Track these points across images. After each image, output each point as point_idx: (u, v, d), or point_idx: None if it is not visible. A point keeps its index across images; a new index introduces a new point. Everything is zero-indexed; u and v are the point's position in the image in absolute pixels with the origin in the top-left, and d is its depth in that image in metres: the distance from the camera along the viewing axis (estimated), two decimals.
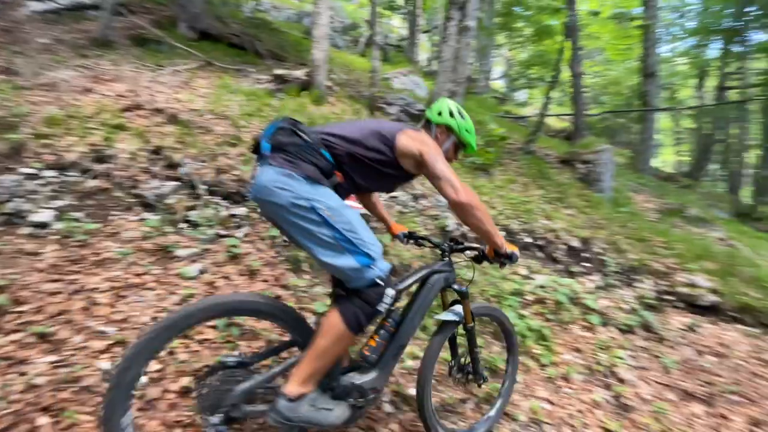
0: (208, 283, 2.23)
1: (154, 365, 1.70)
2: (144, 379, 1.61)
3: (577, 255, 3.75)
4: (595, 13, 11.50)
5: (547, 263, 3.66)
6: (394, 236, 2.01)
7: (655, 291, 3.53)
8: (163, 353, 1.67)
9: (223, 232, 2.58)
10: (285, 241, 2.65)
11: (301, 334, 1.42)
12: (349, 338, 1.31)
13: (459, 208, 1.36)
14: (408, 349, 2.04)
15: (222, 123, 3.61)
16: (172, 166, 2.87)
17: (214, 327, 2.00)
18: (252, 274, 2.39)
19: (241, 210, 2.77)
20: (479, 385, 1.97)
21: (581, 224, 4.12)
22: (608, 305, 3.29)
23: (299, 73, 5.20)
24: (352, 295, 1.32)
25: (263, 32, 6.94)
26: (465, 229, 3.51)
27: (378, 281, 1.31)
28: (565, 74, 9.91)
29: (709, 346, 3.18)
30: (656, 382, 2.75)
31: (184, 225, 2.55)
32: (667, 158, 24.85)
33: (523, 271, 3.39)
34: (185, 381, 1.70)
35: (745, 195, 12.81)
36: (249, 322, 2.07)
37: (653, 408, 2.52)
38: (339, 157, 1.38)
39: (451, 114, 1.61)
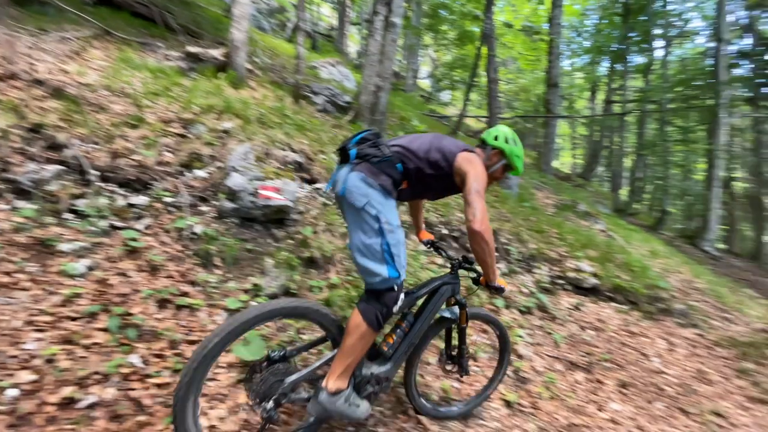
0: (98, 280, 1.98)
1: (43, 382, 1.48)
2: (14, 392, 1.45)
3: None
4: (509, 25, 12.51)
5: (461, 253, 3.94)
6: (420, 241, 2.30)
7: (549, 276, 4.01)
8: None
9: (118, 224, 2.31)
10: (194, 234, 2.46)
11: (337, 332, 1.65)
12: (371, 335, 1.54)
13: (472, 234, 1.55)
14: None
15: (121, 101, 3.20)
16: (56, 147, 2.47)
17: (105, 330, 1.79)
18: (154, 269, 2.18)
19: (141, 199, 2.50)
20: (461, 375, 2.21)
21: (491, 217, 4.50)
22: (511, 290, 3.65)
23: (216, 53, 4.82)
24: (371, 297, 1.55)
25: (176, 4, 6.27)
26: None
27: (396, 287, 1.54)
28: (483, 79, 10.67)
29: (590, 322, 3.72)
30: (548, 355, 3.15)
31: (69, 215, 2.23)
32: (565, 160, 28.14)
33: (440, 261, 3.60)
34: (67, 391, 1.50)
35: (623, 194, 15.12)
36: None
37: (545, 378, 2.89)
38: (408, 169, 1.65)
39: (506, 140, 1.84)
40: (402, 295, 1.59)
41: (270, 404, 1.47)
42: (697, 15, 15.23)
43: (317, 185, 3.44)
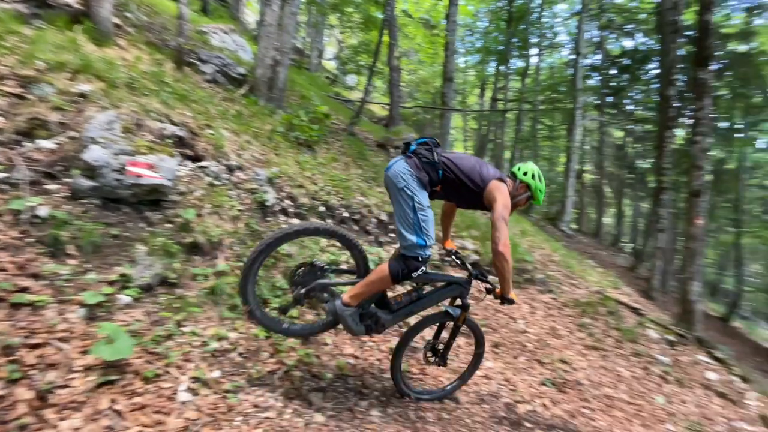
0: None
1: None
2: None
3: (385, 227, 4.26)
4: (409, 15, 12.94)
5: (361, 234, 4.03)
6: (444, 248, 2.62)
7: (438, 254, 4.38)
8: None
9: None
10: (37, 217, 2.02)
11: (361, 261, 2.22)
12: (388, 283, 2.01)
13: (496, 254, 1.91)
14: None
15: None
16: None
17: None
18: None
19: None
20: (439, 366, 2.57)
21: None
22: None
23: None
24: (400, 258, 1.98)
25: None
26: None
27: (420, 258, 1.97)
28: (388, 67, 10.90)
29: (471, 293, 4.18)
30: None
31: None
32: (458, 150, 30.73)
33: (339, 243, 3.64)
34: None
35: None
36: None
37: None
38: (447, 177, 2.02)
39: (533, 177, 2.20)
40: (423, 267, 2.00)
41: (302, 291, 2.09)
42: (563, 30, 17.88)
43: (203, 163, 3.12)
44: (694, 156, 5.74)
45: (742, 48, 11.99)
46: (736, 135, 13.67)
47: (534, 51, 17.53)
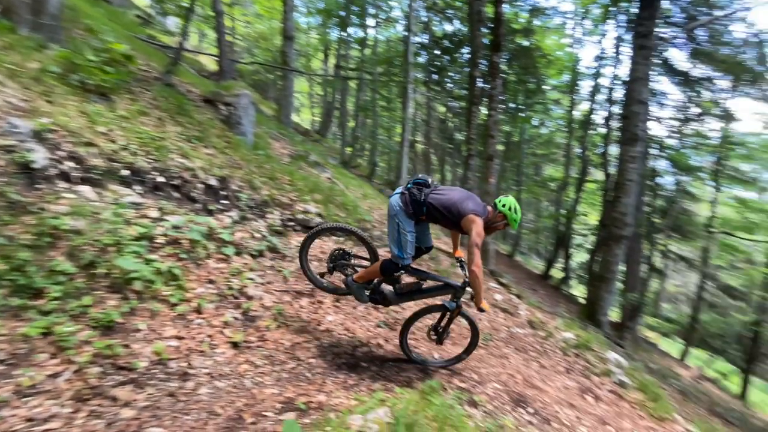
0: None
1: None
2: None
3: (215, 193, 3.82)
4: None
5: (184, 203, 3.51)
6: (454, 257, 3.14)
7: (280, 219, 4.23)
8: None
9: None
10: None
11: (373, 256, 3.18)
12: (379, 275, 2.85)
13: (471, 272, 2.54)
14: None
15: None
16: None
17: None
18: None
19: None
20: (437, 344, 3.18)
21: (220, 164, 4.20)
22: (243, 236, 3.61)
23: None
24: (391, 260, 2.78)
25: None
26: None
27: (399, 264, 2.75)
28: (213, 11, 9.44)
29: (315, 255, 4.22)
30: (277, 290, 3.37)
31: None
32: (305, 116, 30.05)
33: (154, 214, 3.07)
34: None
35: (349, 149, 17.81)
36: None
37: (274, 311, 3.09)
38: (429, 210, 2.66)
39: (509, 209, 2.66)
40: (402, 270, 2.79)
41: (331, 265, 3.15)
42: (398, 6, 18.94)
43: None
44: (489, 127, 7.08)
45: (525, 43, 15.18)
46: (519, 114, 17.53)
47: (372, 22, 18.11)
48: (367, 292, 2.97)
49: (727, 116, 12.88)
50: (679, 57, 12.57)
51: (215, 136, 4.76)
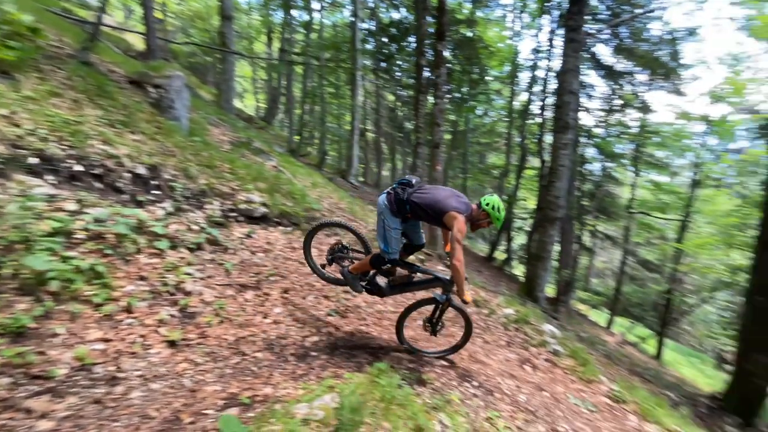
0: None
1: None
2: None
3: (145, 183, 3.52)
4: None
5: (108, 194, 3.19)
6: (445, 252, 3.26)
7: (221, 210, 4.01)
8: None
9: None
10: None
11: (367, 250, 3.35)
12: (369, 267, 3.07)
13: (453, 266, 2.64)
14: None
15: None
16: None
17: None
18: None
19: None
20: (431, 335, 3.22)
21: (150, 151, 3.86)
22: (179, 228, 3.38)
23: None
24: (379, 254, 2.96)
25: None
26: None
27: (386, 258, 2.93)
28: None
29: (260, 246, 4.09)
30: (219, 285, 3.21)
31: None
32: (249, 102, 28.61)
33: (72, 206, 2.76)
34: None
35: (297, 137, 17.26)
36: None
37: (215, 306, 2.94)
38: (412, 209, 2.80)
39: (493, 208, 2.78)
40: (388, 264, 2.96)
41: (330, 257, 3.41)
42: None
43: None
44: (435, 115, 7.22)
45: (469, 33, 15.59)
46: (464, 104, 18.07)
47: (317, 6, 17.52)
48: (363, 284, 3.16)
49: (645, 108, 14.28)
50: (605, 52, 13.59)
51: (144, 120, 4.37)
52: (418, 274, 3.10)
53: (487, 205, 2.80)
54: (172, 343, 2.41)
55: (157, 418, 1.78)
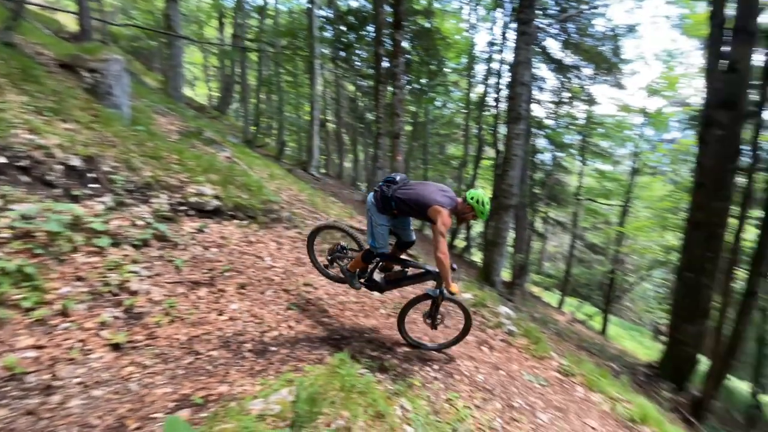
0: None
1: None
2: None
3: (80, 176, 3.23)
4: None
5: (37, 188, 2.90)
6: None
7: (169, 204, 3.78)
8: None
9: None
10: None
11: (360, 248, 3.41)
12: (362, 263, 3.26)
13: (437, 259, 2.74)
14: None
15: None
16: None
17: None
18: None
19: None
20: (431, 328, 3.30)
21: (86, 141, 3.55)
22: (121, 224, 3.15)
23: None
24: (367, 250, 3.18)
25: None
26: None
27: (374, 252, 3.15)
28: None
29: (214, 241, 3.91)
30: (169, 283, 3.04)
31: None
32: (201, 91, 27.10)
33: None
34: None
35: (253, 127, 16.61)
36: None
37: (165, 306, 2.78)
38: (398, 205, 2.93)
39: (477, 202, 2.86)
40: (377, 258, 3.22)
41: (329, 257, 3.64)
42: None
43: None
44: (394, 105, 7.23)
45: (426, 24, 15.67)
46: (424, 95, 18.24)
47: None
48: (362, 280, 3.34)
49: (590, 100, 15.16)
50: (554, 46, 14.23)
51: (77, 108, 4.00)
52: (411, 268, 3.26)
53: (472, 198, 2.89)
54: (116, 347, 2.26)
55: (99, 426, 1.67)
